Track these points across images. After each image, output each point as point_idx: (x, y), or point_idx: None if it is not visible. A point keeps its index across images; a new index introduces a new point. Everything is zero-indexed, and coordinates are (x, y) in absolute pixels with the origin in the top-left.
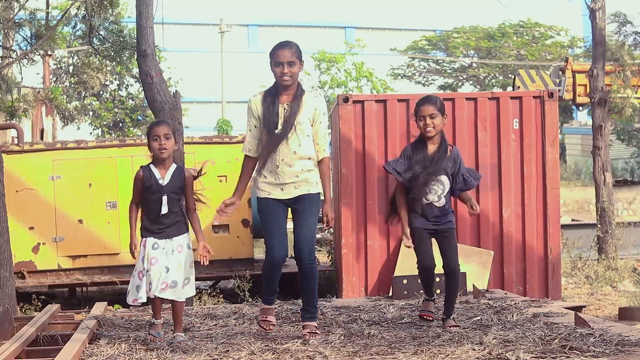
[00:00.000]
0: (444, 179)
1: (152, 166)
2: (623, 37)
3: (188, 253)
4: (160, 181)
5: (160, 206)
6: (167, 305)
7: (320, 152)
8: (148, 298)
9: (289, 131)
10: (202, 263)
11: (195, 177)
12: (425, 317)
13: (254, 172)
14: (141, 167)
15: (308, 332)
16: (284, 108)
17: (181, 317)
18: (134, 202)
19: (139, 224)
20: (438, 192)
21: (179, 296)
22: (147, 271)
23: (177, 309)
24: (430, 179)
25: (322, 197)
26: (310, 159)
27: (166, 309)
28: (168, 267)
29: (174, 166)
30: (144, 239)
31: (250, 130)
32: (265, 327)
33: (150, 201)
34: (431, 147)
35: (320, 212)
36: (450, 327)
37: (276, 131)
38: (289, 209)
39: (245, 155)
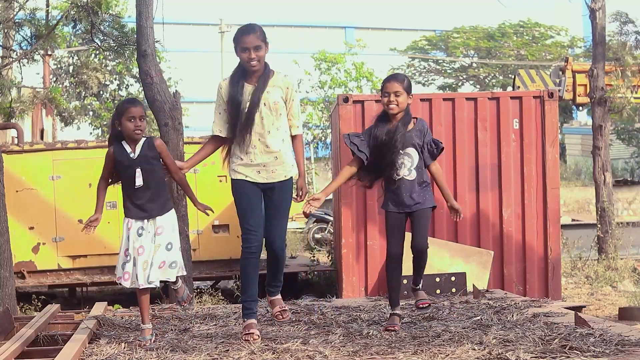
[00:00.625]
0: (412, 151)
1: (122, 142)
2: (625, 37)
3: (171, 236)
4: (132, 155)
5: (134, 179)
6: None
7: (294, 129)
8: (136, 294)
9: (255, 108)
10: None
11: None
12: (390, 329)
13: (225, 153)
14: (111, 144)
15: (279, 311)
16: (251, 89)
17: (183, 287)
18: (102, 178)
19: (119, 206)
20: (407, 166)
21: (169, 276)
22: (133, 258)
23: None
24: (396, 154)
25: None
26: (284, 140)
27: (166, 308)
28: (151, 253)
29: (143, 139)
30: (128, 219)
31: (219, 113)
32: (249, 339)
33: (124, 178)
34: (394, 124)
35: (295, 186)
36: (421, 303)
37: (241, 113)
38: (262, 193)
39: (214, 135)
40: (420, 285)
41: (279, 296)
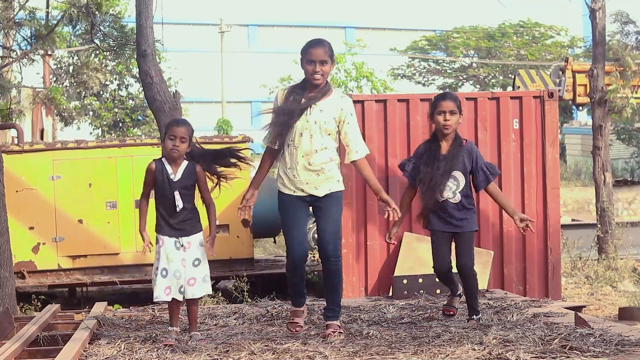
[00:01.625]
0: (458, 174)
1: (164, 160)
2: (625, 37)
3: (200, 250)
4: (172, 176)
5: (174, 202)
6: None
7: (352, 154)
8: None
9: (300, 114)
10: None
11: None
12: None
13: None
14: (154, 159)
15: (332, 331)
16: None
17: (196, 318)
18: (143, 196)
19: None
20: (452, 189)
21: (197, 294)
22: (166, 270)
23: (192, 310)
24: (445, 177)
25: (342, 191)
26: (332, 159)
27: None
28: (185, 266)
29: (185, 163)
30: (162, 236)
31: (273, 123)
32: (292, 329)
33: (163, 197)
34: (444, 145)
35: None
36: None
37: (287, 121)
38: (311, 207)
39: (267, 147)
40: (474, 316)
41: (335, 322)
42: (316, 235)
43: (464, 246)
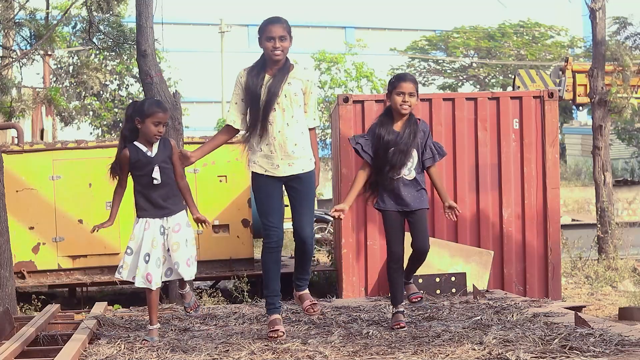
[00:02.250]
0: (414, 152)
1: (136, 143)
2: (624, 39)
3: (187, 231)
4: (149, 153)
5: (152, 177)
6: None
7: (310, 122)
8: (145, 292)
9: (274, 99)
10: (201, 230)
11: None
12: (414, 299)
13: (246, 147)
14: (125, 145)
15: (310, 305)
16: (269, 79)
17: (191, 293)
18: (119, 185)
19: (133, 210)
20: (408, 165)
21: (184, 274)
22: (149, 256)
23: (185, 286)
24: (407, 155)
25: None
26: (302, 132)
27: (166, 308)
28: (169, 249)
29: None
30: (145, 219)
31: (236, 103)
32: (274, 335)
33: (141, 177)
34: (399, 124)
35: None
36: (414, 298)
37: (260, 104)
38: (284, 185)
39: (227, 125)
40: (412, 280)
41: (306, 291)
42: (316, 235)
43: (421, 227)
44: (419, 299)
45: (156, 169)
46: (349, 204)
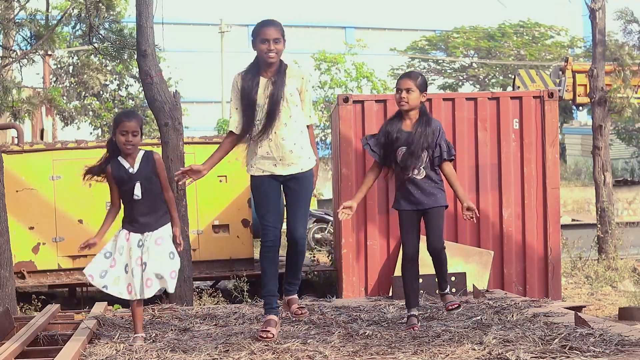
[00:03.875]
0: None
1: (120, 158)
2: (627, 35)
3: (169, 244)
4: (130, 170)
5: (132, 193)
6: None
7: (307, 119)
8: (130, 305)
9: (277, 105)
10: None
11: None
12: (451, 307)
13: (247, 147)
14: (109, 162)
15: (298, 308)
16: (267, 83)
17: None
18: (112, 205)
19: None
20: (417, 164)
21: (167, 286)
22: (132, 269)
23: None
24: (414, 156)
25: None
26: (301, 131)
27: (166, 308)
28: (146, 263)
29: (141, 152)
30: (124, 230)
31: (236, 108)
32: (264, 336)
33: (123, 192)
34: (408, 123)
35: None
36: (451, 306)
37: (257, 107)
38: (282, 185)
39: (230, 131)
40: (448, 289)
41: (295, 295)
42: (316, 235)
43: (434, 225)
44: (455, 306)
45: (137, 185)
46: (357, 202)
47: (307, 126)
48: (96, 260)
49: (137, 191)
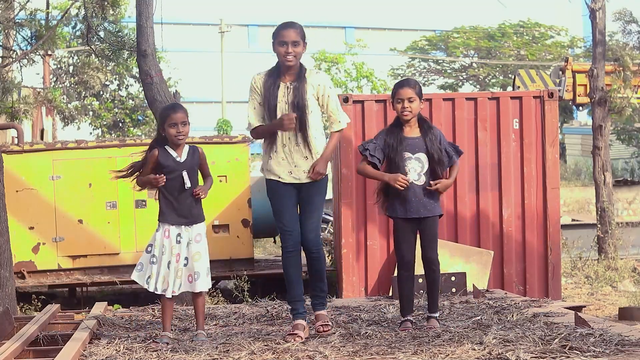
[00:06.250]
0: (422, 156)
1: (167, 147)
2: (627, 36)
3: (206, 242)
4: (178, 159)
5: (182, 182)
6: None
7: (335, 124)
8: (161, 299)
9: (305, 114)
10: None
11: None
12: (404, 330)
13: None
14: (156, 146)
15: (322, 325)
16: (287, 87)
17: (204, 312)
18: (142, 175)
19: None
20: (417, 170)
21: (202, 287)
22: (168, 263)
23: (199, 303)
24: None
25: (328, 173)
26: (315, 138)
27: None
28: (187, 259)
29: (187, 146)
30: (165, 226)
31: (254, 108)
32: (290, 339)
33: (168, 182)
34: (408, 130)
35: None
36: (432, 328)
37: (277, 112)
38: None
39: (254, 128)
40: (437, 314)
41: (324, 311)
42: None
43: (428, 234)
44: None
45: (185, 174)
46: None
47: (333, 132)
48: (152, 271)
49: (187, 181)
